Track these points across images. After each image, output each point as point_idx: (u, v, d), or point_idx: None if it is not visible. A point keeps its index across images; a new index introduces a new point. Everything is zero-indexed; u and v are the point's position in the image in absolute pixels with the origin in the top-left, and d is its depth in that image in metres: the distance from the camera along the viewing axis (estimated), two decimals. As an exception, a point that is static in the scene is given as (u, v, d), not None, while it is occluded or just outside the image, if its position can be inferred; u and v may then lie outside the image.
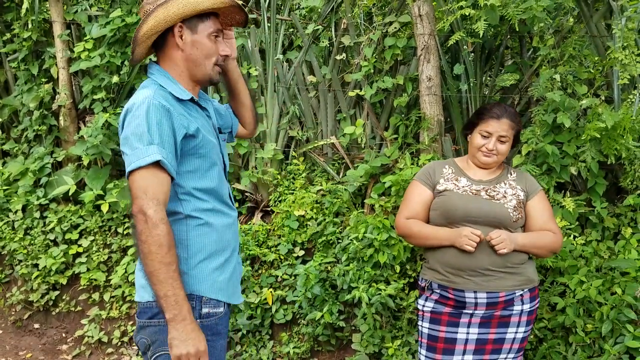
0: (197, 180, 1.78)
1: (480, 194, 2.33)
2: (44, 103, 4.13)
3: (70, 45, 4.09)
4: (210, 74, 1.83)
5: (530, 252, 2.32)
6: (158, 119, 1.65)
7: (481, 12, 2.77)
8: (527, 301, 2.32)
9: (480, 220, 2.26)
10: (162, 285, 1.59)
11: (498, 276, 2.25)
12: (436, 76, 3.22)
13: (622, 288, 2.70)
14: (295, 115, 3.79)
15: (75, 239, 3.98)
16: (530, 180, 2.43)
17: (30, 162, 4.11)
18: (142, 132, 1.63)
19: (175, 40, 1.77)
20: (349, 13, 3.62)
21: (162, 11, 1.72)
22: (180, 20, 1.75)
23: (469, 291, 2.26)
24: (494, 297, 2.26)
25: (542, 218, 2.35)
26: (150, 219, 1.59)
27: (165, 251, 1.59)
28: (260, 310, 3.42)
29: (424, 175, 2.46)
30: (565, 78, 2.88)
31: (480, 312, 2.28)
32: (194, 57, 1.79)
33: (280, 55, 3.83)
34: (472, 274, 2.25)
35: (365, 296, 3.00)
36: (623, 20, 2.82)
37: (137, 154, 1.62)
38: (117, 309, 3.86)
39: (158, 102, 1.67)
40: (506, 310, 2.29)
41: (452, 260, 2.28)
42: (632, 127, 2.71)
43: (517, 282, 2.28)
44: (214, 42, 1.81)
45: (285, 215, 3.52)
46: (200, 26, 1.78)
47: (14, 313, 4.17)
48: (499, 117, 2.33)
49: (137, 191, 1.62)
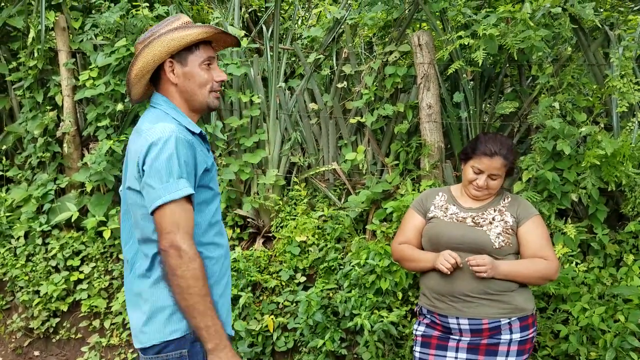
0: (203, 213, 1.78)
1: (466, 221, 2.34)
2: (48, 130, 4.16)
3: (76, 74, 4.14)
4: (207, 102, 1.84)
5: (516, 279, 2.25)
6: (185, 153, 1.67)
7: (480, 41, 2.82)
8: (517, 330, 2.26)
9: (463, 247, 2.28)
10: (203, 317, 1.62)
11: (479, 302, 2.24)
12: (436, 104, 3.26)
13: (625, 315, 2.68)
14: (297, 142, 3.82)
15: (76, 266, 3.97)
16: (523, 206, 2.38)
17: (34, 189, 4.12)
18: (172, 165, 1.64)
19: (168, 76, 1.79)
20: (350, 42, 3.68)
21: (148, 51, 1.74)
22: (169, 56, 1.77)
23: (452, 317, 2.28)
24: (476, 324, 2.25)
25: (535, 244, 2.29)
26: (186, 253, 1.61)
27: (202, 284, 1.62)
28: (261, 337, 3.39)
29: (417, 202, 2.52)
30: (565, 106, 2.92)
31: (467, 338, 2.28)
32: (188, 88, 1.80)
33: (282, 83, 3.88)
34: (453, 300, 2.27)
35: (367, 323, 2.98)
36: (620, 49, 2.87)
37: (168, 188, 1.63)
38: (117, 337, 3.83)
39: (183, 136, 1.69)
40: (493, 339, 2.26)
41: (435, 285, 2.32)
42: (632, 154, 2.74)
43: (502, 310, 2.24)
44: (206, 70, 1.82)
45: (287, 241, 3.52)
46: (189, 57, 1.79)
47: (14, 340, 4.14)
48: (492, 155, 2.31)
49: (170, 226, 1.62)
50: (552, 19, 2.94)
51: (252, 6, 5.34)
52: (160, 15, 3.86)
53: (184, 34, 1.75)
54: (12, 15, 4.13)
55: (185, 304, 1.62)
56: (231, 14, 4.13)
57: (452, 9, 3.12)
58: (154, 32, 1.79)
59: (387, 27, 3.73)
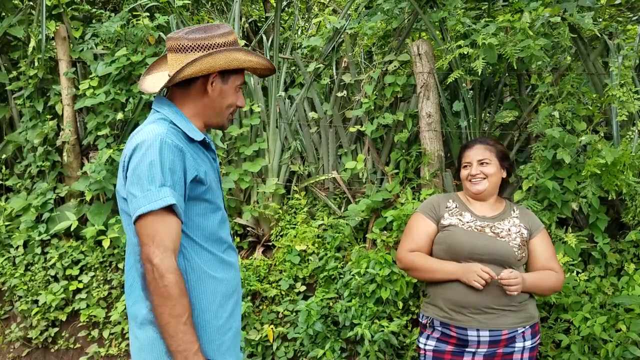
0: (200, 228, 1.69)
1: (485, 230, 2.33)
2: (48, 139, 4.17)
3: (76, 83, 4.15)
4: (224, 122, 1.83)
5: (534, 292, 2.33)
6: (171, 159, 1.57)
7: (479, 50, 2.83)
8: (529, 337, 2.30)
9: (485, 258, 2.26)
10: (174, 340, 1.51)
11: (500, 314, 2.23)
12: (436, 113, 3.26)
13: (627, 325, 2.67)
14: (297, 151, 3.82)
15: (75, 275, 3.96)
16: (532, 218, 2.44)
17: (33, 198, 4.12)
18: (154, 172, 1.55)
19: (206, 86, 1.74)
20: (350, 52, 3.69)
21: (209, 61, 1.68)
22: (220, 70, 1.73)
23: (472, 329, 2.23)
24: (496, 335, 2.23)
25: (544, 256, 2.35)
26: (157, 268, 1.50)
27: (174, 303, 1.50)
28: (261, 347, 3.37)
29: (428, 208, 2.45)
30: (564, 115, 2.92)
31: (483, 350, 2.26)
32: (217, 105, 1.76)
33: (282, 92, 3.89)
34: (475, 312, 2.23)
35: (367, 333, 2.96)
36: (620, 58, 2.87)
37: (149, 197, 1.53)
38: (116, 346, 3.81)
39: (171, 141, 1.60)
40: (508, 348, 2.27)
41: (455, 296, 2.25)
42: (632, 163, 2.73)
43: (519, 320, 2.27)
44: (236, 93, 1.80)
45: (287, 250, 3.51)
46: (232, 78, 1.77)
47: (12, 350, 4.12)
48: (472, 145, 2.44)
49: (145, 238, 1.53)
50: (551, 29, 2.95)
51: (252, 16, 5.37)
52: (161, 25, 3.88)
53: (247, 59, 1.74)
54: (13, 25, 4.14)
55: (158, 323, 1.53)
56: (231, 24, 4.14)
57: (451, 19, 3.13)
58: (207, 36, 1.71)
59: (386, 36, 3.75)
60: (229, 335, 1.74)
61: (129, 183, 1.59)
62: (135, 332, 1.71)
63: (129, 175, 1.60)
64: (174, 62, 1.73)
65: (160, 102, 1.77)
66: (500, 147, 2.46)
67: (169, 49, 1.76)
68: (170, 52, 1.75)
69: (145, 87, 1.79)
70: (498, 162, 2.40)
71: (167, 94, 1.81)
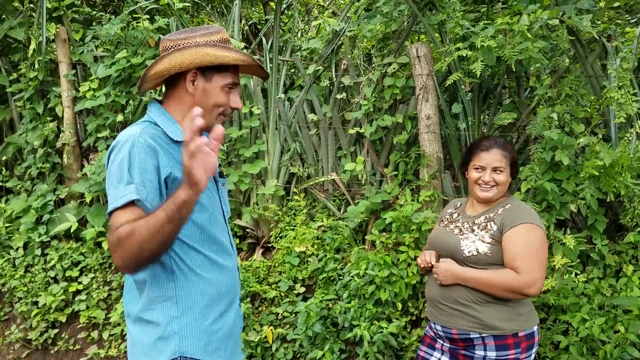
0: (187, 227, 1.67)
1: (454, 229, 2.35)
2: (48, 141, 4.18)
3: (76, 85, 4.16)
4: (212, 123, 1.76)
5: (480, 288, 2.17)
6: (141, 158, 1.58)
7: (478, 53, 2.84)
8: (492, 348, 2.16)
9: (442, 254, 2.32)
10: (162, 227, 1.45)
11: (449, 312, 2.24)
12: (435, 115, 3.27)
13: (625, 326, 2.68)
14: (296, 152, 3.83)
15: (75, 277, 3.97)
16: (514, 214, 2.24)
17: (33, 200, 4.13)
18: (122, 171, 1.57)
19: (186, 85, 1.73)
20: (349, 54, 3.70)
21: (179, 55, 1.68)
22: (196, 67, 1.70)
23: (431, 321, 2.35)
24: (448, 333, 2.26)
25: (510, 254, 2.16)
26: (115, 234, 1.49)
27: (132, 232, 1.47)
28: (260, 348, 3.38)
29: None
30: (563, 117, 2.93)
31: (447, 345, 2.30)
32: (202, 104, 1.72)
33: (282, 94, 3.90)
34: (431, 305, 2.34)
35: (367, 334, 2.97)
36: (618, 60, 2.88)
37: (116, 194, 1.56)
38: (115, 348, 3.82)
39: (143, 140, 1.61)
40: (468, 352, 2.21)
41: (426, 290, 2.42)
42: (630, 165, 2.74)
43: (470, 323, 2.18)
44: (226, 94, 1.76)
45: (286, 251, 3.52)
46: (215, 76, 1.73)
47: (12, 351, 4.12)
48: (489, 148, 2.30)
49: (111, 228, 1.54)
50: (550, 31, 2.96)
51: (252, 19, 5.38)
52: (161, 27, 3.89)
53: (220, 54, 1.70)
54: (13, 27, 4.16)
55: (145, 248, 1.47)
56: (231, 27, 4.16)
57: (450, 21, 3.15)
58: (189, 36, 1.72)
59: (385, 39, 3.76)
60: (218, 336, 1.73)
61: (106, 182, 1.65)
62: (130, 328, 1.75)
63: (106, 175, 1.66)
64: None
65: (151, 104, 1.79)
66: (514, 154, 2.37)
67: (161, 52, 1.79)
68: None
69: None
70: (509, 170, 2.32)
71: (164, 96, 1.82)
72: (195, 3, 5.00)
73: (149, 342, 1.66)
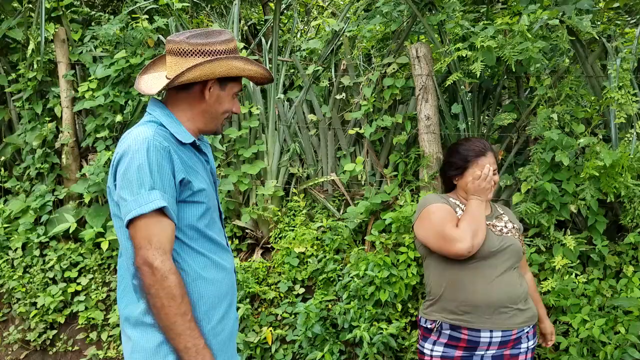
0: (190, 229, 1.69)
1: (492, 229, 2.33)
2: (47, 141, 4.17)
3: (75, 85, 4.15)
4: (218, 127, 1.83)
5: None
6: (159, 161, 1.58)
7: (478, 53, 2.83)
8: (532, 337, 2.34)
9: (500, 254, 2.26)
10: (182, 338, 1.54)
11: (511, 313, 2.23)
12: (434, 115, 3.27)
13: (626, 327, 2.67)
14: (295, 153, 3.82)
15: (74, 277, 3.96)
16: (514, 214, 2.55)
17: (32, 200, 4.11)
18: (143, 175, 1.55)
19: (204, 92, 1.73)
20: (349, 54, 3.70)
21: (210, 67, 1.67)
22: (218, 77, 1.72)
23: (485, 330, 2.20)
24: (507, 336, 2.23)
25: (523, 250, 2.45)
26: (158, 270, 1.52)
27: (179, 302, 1.53)
28: (259, 350, 3.37)
29: (438, 198, 2.40)
30: (563, 117, 2.92)
31: (492, 351, 2.25)
32: (213, 110, 1.76)
33: (281, 94, 3.89)
34: (489, 312, 2.20)
35: (366, 335, 2.96)
36: (618, 60, 2.88)
37: (139, 200, 1.54)
38: (114, 349, 3.81)
39: (159, 143, 1.60)
40: (515, 349, 2.29)
41: (468, 297, 2.21)
42: (631, 166, 2.74)
43: (526, 319, 2.28)
44: (233, 99, 1.80)
45: (286, 252, 3.51)
46: (229, 85, 1.77)
47: (10, 353, 4.11)
48: (485, 153, 2.37)
49: (141, 241, 1.54)
50: (550, 31, 2.96)
51: (251, 19, 5.38)
52: (160, 27, 3.88)
53: (246, 67, 1.74)
54: (12, 27, 4.15)
55: (162, 324, 1.55)
56: (230, 27, 4.15)
57: (449, 22, 3.14)
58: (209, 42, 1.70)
59: (385, 39, 3.75)
60: (220, 339, 1.73)
61: (119, 187, 1.60)
62: (129, 332, 1.71)
63: (118, 179, 1.61)
64: (173, 65, 1.73)
65: (153, 105, 1.78)
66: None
67: (168, 52, 1.75)
68: (169, 55, 1.75)
69: (142, 88, 1.79)
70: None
71: (163, 96, 1.82)
72: (195, 3, 4.99)
73: (151, 346, 1.64)
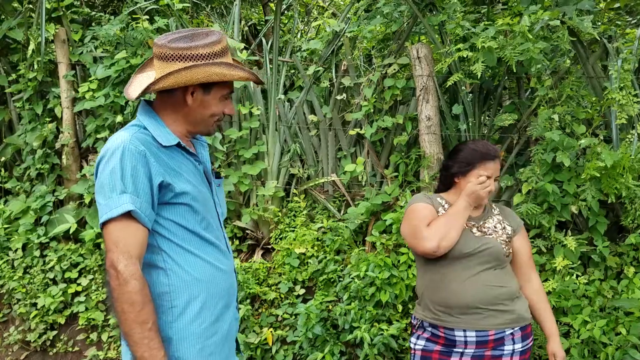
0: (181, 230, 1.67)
1: (472, 230, 2.32)
2: (47, 142, 4.16)
3: (75, 86, 4.15)
4: (209, 130, 1.79)
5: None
6: (133, 165, 1.56)
7: (479, 54, 2.83)
8: (519, 340, 2.25)
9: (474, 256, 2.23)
10: (138, 347, 1.51)
11: (486, 314, 2.21)
12: (435, 116, 3.26)
13: (627, 328, 2.67)
14: (296, 153, 3.82)
15: (74, 278, 3.95)
16: (513, 215, 2.43)
17: (32, 201, 4.11)
18: (115, 179, 1.55)
19: (185, 97, 1.70)
20: (349, 55, 3.69)
21: (186, 75, 1.63)
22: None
23: (459, 329, 2.23)
24: (483, 336, 2.22)
25: (527, 253, 2.38)
26: (121, 274, 1.51)
27: (139, 309, 1.50)
28: (260, 350, 3.37)
29: (423, 198, 2.39)
30: (564, 118, 2.92)
31: (471, 350, 2.25)
32: (198, 114, 1.73)
33: (281, 95, 3.89)
34: (462, 312, 2.22)
35: (367, 336, 2.96)
36: (619, 61, 2.88)
37: (110, 204, 1.54)
38: (114, 349, 3.80)
39: (134, 147, 1.58)
40: (497, 350, 2.23)
41: (442, 298, 2.24)
42: (632, 166, 2.74)
43: (507, 320, 2.23)
44: (222, 102, 1.75)
45: (286, 252, 3.50)
46: (214, 89, 1.71)
47: (10, 353, 4.11)
48: (494, 157, 2.30)
49: (109, 244, 1.54)
50: (551, 32, 2.96)
51: (251, 19, 5.38)
52: (161, 28, 3.88)
53: (227, 73, 1.67)
54: (12, 28, 4.15)
55: (122, 330, 1.52)
56: (231, 27, 4.15)
57: (450, 22, 3.14)
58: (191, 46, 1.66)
59: (386, 40, 3.75)
60: (214, 340, 1.71)
61: (95, 191, 1.62)
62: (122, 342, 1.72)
63: (95, 183, 1.63)
64: (157, 69, 1.71)
65: (141, 107, 1.76)
66: None
67: (154, 55, 1.74)
68: (155, 58, 1.73)
69: (130, 91, 1.76)
70: None
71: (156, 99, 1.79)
72: (195, 4, 4.99)
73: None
